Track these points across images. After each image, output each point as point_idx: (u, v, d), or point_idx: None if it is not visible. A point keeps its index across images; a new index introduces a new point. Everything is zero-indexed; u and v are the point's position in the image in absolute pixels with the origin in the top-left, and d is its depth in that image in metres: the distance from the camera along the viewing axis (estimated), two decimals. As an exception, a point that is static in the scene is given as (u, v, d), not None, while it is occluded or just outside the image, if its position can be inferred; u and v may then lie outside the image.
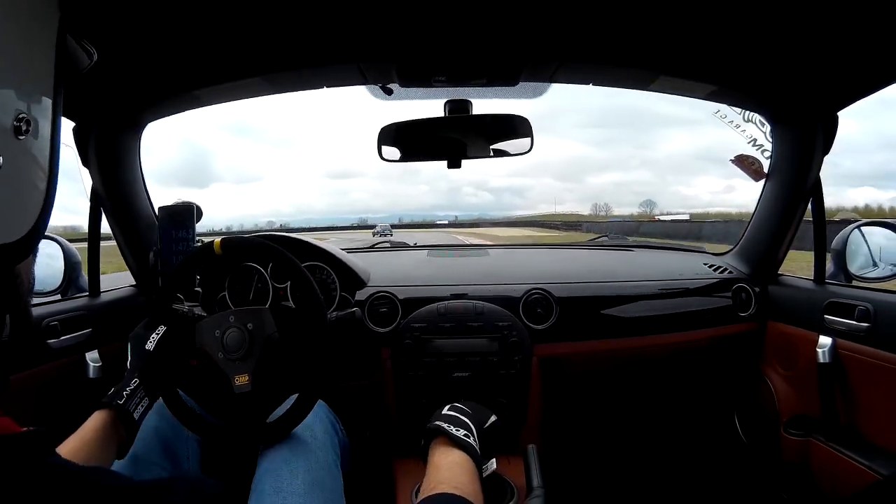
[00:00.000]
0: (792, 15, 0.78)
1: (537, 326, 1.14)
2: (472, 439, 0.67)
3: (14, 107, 0.30)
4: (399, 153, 1.15)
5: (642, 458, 1.41)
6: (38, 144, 0.32)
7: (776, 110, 1.14)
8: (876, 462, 0.92)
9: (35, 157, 0.32)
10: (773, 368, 1.20)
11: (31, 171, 0.32)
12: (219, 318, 0.76)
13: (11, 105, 0.30)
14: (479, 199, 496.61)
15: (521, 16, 0.81)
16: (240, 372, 0.74)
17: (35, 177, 0.33)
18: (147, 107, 1.12)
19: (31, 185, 0.32)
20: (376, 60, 0.97)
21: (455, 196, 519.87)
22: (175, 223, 1.09)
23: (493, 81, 1.06)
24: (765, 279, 1.24)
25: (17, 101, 0.30)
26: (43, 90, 0.33)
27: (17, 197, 0.31)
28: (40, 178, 0.33)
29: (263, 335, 0.76)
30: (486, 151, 1.15)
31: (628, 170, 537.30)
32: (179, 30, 0.83)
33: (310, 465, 0.75)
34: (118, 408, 0.71)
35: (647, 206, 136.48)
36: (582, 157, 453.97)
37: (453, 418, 0.70)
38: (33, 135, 0.31)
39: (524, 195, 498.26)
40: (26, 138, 0.31)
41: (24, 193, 0.32)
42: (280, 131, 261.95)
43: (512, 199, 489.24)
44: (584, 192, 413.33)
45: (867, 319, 0.95)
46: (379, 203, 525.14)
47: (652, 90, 1.11)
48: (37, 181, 0.33)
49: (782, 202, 1.18)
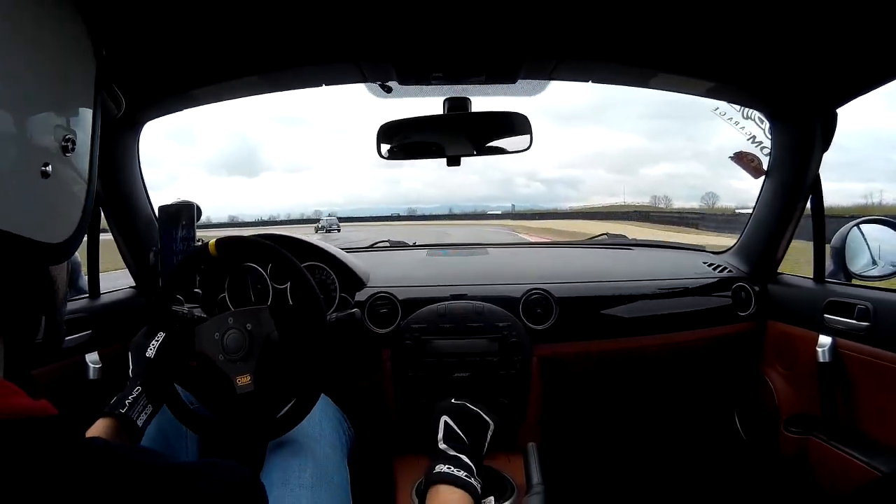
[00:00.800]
0: (791, 11, 0.77)
1: (537, 326, 1.14)
2: (474, 478, 0.67)
3: (63, 128, 0.37)
4: (398, 151, 1.15)
5: (642, 457, 1.41)
6: (81, 161, 0.39)
7: (775, 107, 1.14)
8: (875, 460, 0.92)
9: (78, 171, 0.38)
10: (773, 367, 1.20)
11: (75, 184, 0.38)
12: (218, 321, 0.76)
13: (61, 127, 0.36)
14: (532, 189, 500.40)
15: (519, 13, 0.81)
16: (241, 373, 0.74)
17: (77, 189, 0.38)
18: (145, 106, 1.12)
19: (74, 196, 0.38)
20: (374, 58, 0.97)
21: (507, 186, 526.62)
22: (175, 223, 1.09)
23: (492, 79, 1.06)
24: (764, 278, 1.24)
25: (66, 124, 0.37)
26: (85, 117, 0.40)
27: (61, 204, 0.37)
28: (81, 191, 0.39)
29: (263, 335, 0.76)
30: (484, 149, 1.15)
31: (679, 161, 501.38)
32: (177, 29, 0.82)
33: (318, 460, 0.76)
34: (121, 416, 0.72)
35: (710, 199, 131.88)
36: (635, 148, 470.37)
37: (454, 459, 0.69)
38: (77, 154, 0.38)
39: (577, 186, 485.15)
40: (72, 155, 0.37)
41: (67, 202, 0.38)
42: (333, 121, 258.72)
43: (566, 190, 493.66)
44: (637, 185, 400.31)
45: (867, 318, 0.95)
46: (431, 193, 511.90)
47: (651, 87, 1.11)
48: (78, 193, 0.39)
49: (781, 200, 1.17)
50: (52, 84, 0.37)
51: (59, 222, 0.37)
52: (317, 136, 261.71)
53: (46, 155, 0.35)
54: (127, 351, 0.81)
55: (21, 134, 0.33)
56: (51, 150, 0.35)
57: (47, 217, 0.36)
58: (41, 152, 0.34)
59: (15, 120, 0.32)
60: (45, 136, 0.35)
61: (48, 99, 0.36)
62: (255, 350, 0.75)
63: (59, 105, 0.37)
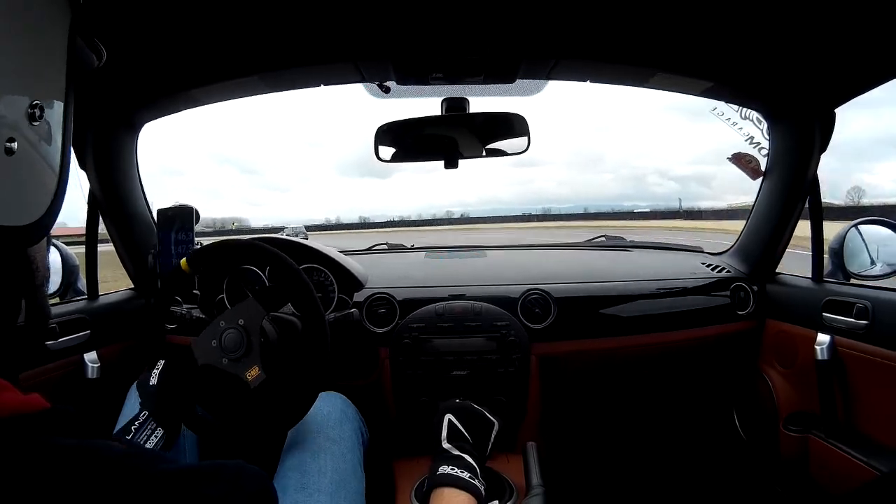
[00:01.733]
0: (789, 11, 0.78)
1: (535, 325, 1.14)
2: (478, 480, 0.67)
3: (28, 94, 0.31)
4: (396, 152, 1.15)
5: (642, 456, 1.42)
6: (51, 131, 0.34)
7: (773, 107, 1.14)
8: (874, 458, 0.92)
9: (47, 143, 0.33)
10: (772, 366, 1.20)
11: (44, 157, 0.33)
12: (211, 329, 0.77)
13: (26, 92, 0.31)
14: (665, 188, 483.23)
15: (517, 13, 0.81)
16: (248, 367, 0.74)
17: (48, 163, 0.34)
18: (143, 107, 1.12)
19: (44, 171, 0.33)
20: (373, 58, 0.97)
21: (639, 185, 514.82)
22: (174, 225, 1.09)
23: (491, 79, 1.06)
24: (763, 278, 1.24)
25: (31, 90, 0.32)
26: (56, 81, 0.34)
27: (30, 181, 0.32)
28: (53, 164, 0.34)
29: (257, 324, 0.76)
30: (482, 151, 1.15)
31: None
32: (175, 29, 0.82)
33: (337, 463, 0.75)
34: (127, 443, 0.71)
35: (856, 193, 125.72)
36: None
37: (458, 459, 0.69)
38: (46, 121, 0.33)
39: (709, 184, 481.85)
40: (40, 124, 0.32)
41: (37, 179, 0.33)
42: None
43: (698, 188, 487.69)
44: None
45: (865, 317, 0.95)
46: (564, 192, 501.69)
47: (649, 87, 1.11)
48: (49, 167, 0.34)
49: (780, 200, 1.18)
50: (13, 39, 0.31)
51: (27, 203, 0.32)
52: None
53: (9, 127, 0.30)
54: (126, 351, 0.81)
55: None
56: (15, 121, 0.31)
57: (13, 199, 0.31)
58: (3, 125, 0.30)
59: None
60: (7, 106, 0.30)
61: (10, 59, 0.31)
62: (254, 341, 0.75)
63: (23, 65, 0.32)
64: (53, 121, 0.34)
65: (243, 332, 0.75)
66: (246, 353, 0.75)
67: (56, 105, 0.34)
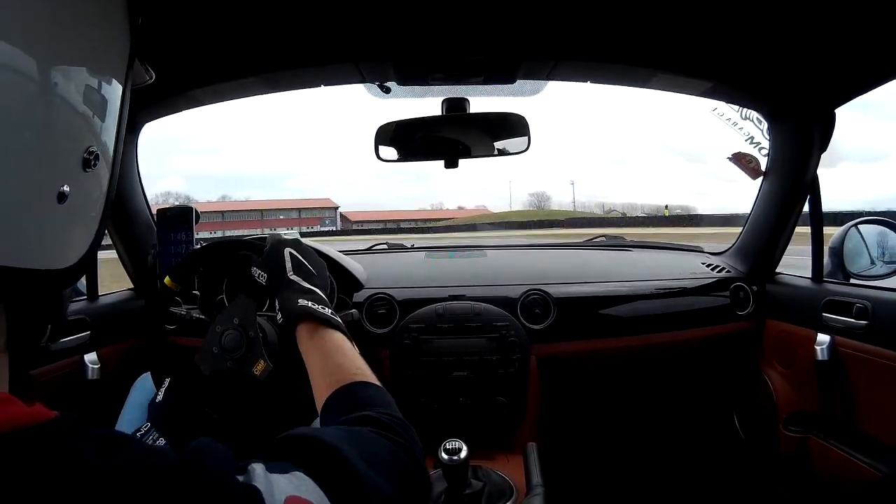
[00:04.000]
0: (789, 11, 0.78)
1: (535, 326, 1.14)
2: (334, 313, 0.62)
3: (87, 140, 0.30)
4: (396, 153, 1.15)
5: (642, 456, 1.42)
6: (101, 177, 0.33)
7: (773, 107, 1.14)
8: (874, 458, 0.92)
9: (97, 190, 0.33)
10: (772, 366, 1.20)
11: (91, 203, 0.33)
12: (209, 338, 0.77)
13: (85, 138, 0.30)
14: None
15: (517, 14, 0.81)
16: (254, 362, 0.74)
17: (93, 208, 0.33)
18: (143, 107, 1.12)
19: (89, 215, 0.33)
20: (373, 59, 0.97)
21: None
22: (174, 226, 1.09)
23: (491, 79, 1.06)
24: (762, 278, 1.24)
25: (90, 135, 0.31)
26: (111, 127, 0.33)
27: (75, 226, 0.32)
28: (97, 209, 0.33)
29: (252, 318, 0.76)
30: (483, 150, 1.15)
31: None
32: (176, 29, 0.82)
33: None
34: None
35: None
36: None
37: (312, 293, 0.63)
38: (100, 167, 0.32)
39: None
40: (93, 171, 0.31)
41: (82, 223, 0.32)
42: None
43: None
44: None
45: (865, 317, 0.95)
46: None
47: (650, 87, 1.11)
48: (94, 212, 0.33)
49: (780, 200, 1.18)
50: (80, 77, 0.29)
51: (70, 246, 0.31)
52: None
53: (66, 175, 0.29)
54: (127, 352, 0.81)
55: (41, 149, 0.27)
56: (70, 169, 0.29)
57: (57, 244, 0.30)
58: (59, 174, 0.28)
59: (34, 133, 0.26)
60: (67, 151, 0.29)
61: (71, 106, 0.29)
62: (254, 335, 0.75)
63: (84, 111, 0.30)
64: (105, 166, 0.33)
65: (241, 330, 0.75)
66: (248, 350, 0.75)
67: (109, 150, 0.33)
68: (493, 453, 1.08)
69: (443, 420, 1.09)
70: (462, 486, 0.86)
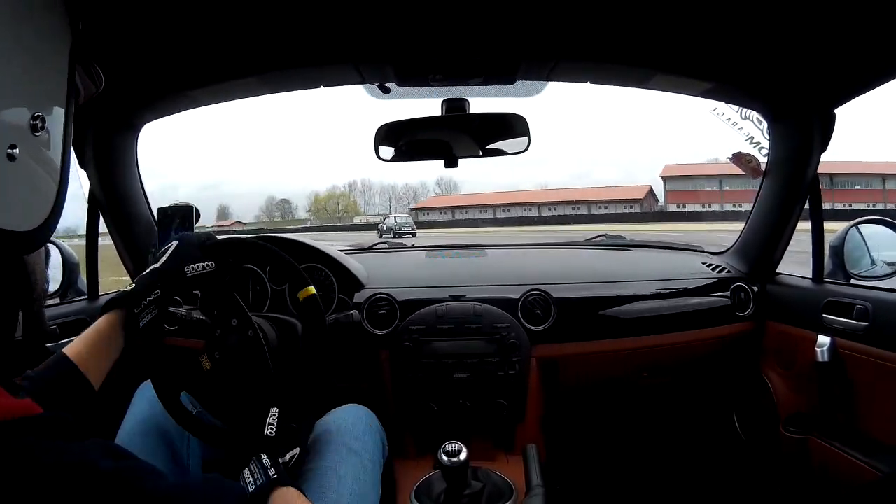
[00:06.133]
0: (789, 11, 0.78)
1: (536, 327, 1.14)
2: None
3: (30, 106, 0.33)
4: (396, 153, 1.15)
5: (642, 457, 1.41)
6: (52, 141, 0.36)
7: (773, 107, 1.14)
8: (875, 459, 0.92)
9: (48, 153, 0.35)
10: (772, 367, 1.20)
11: (45, 166, 0.35)
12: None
13: (28, 104, 0.33)
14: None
15: (517, 14, 0.81)
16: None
17: (48, 172, 0.36)
18: (143, 107, 1.12)
19: (45, 179, 0.35)
20: (373, 59, 0.97)
21: None
22: (174, 224, 1.09)
23: (491, 80, 1.06)
24: (763, 278, 1.24)
25: (34, 102, 0.34)
26: (57, 97, 0.36)
27: (31, 188, 0.35)
28: (53, 174, 0.36)
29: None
30: (482, 151, 1.15)
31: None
32: (175, 30, 0.82)
33: (358, 474, 0.74)
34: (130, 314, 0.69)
35: None
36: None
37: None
38: (47, 132, 0.35)
39: None
40: (41, 135, 0.34)
41: (38, 186, 0.35)
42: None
43: None
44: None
45: (865, 318, 0.95)
46: None
47: (650, 88, 1.11)
48: (50, 176, 0.36)
49: (780, 200, 1.17)
50: (15, 55, 0.33)
51: (29, 208, 0.34)
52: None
53: (12, 135, 0.32)
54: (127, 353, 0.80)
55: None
56: (17, 130, 0.32)
57: (15, 203, 0.33)
58: (6, 132, 0.32)
59: None
60: (10, 115, 0.32)
61: (14, 74, 0.33)
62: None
63: (26, 80, 0.34)
64: (54, 134, 0.36)
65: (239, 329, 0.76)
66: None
67: (57, 119, 0.36)
68: (493, 454, 1.08)
69: (443, 422, 1.09)
70: (462, 486, 0.86)
